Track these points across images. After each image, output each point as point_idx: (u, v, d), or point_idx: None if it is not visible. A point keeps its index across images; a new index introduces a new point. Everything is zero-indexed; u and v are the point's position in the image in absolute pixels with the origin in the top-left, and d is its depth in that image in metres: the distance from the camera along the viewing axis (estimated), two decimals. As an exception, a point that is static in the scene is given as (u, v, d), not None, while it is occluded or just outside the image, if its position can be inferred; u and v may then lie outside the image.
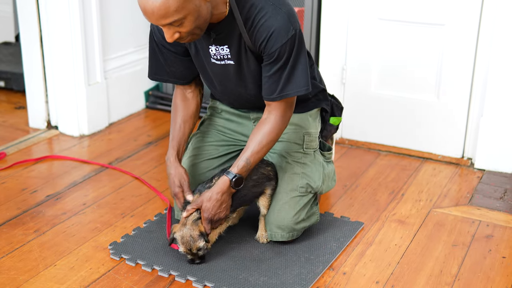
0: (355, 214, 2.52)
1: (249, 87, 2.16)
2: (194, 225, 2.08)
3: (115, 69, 3.41)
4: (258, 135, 2.09)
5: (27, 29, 3.19)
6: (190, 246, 2.08)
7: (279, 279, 2.09)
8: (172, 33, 1.89)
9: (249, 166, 2.10)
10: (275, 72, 2.02)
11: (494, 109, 2.84)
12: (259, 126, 2.11)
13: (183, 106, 2.28)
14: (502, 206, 2.59)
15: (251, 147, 2.09)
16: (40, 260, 2.19)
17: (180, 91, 2.30)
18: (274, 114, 2.09)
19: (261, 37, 1.98)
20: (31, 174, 2.82)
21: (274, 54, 1.99)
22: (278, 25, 1.96)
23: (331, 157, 2.39)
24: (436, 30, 2.89)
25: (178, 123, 2.26)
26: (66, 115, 3.25)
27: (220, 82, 2.20)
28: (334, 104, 2.46)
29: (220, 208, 2.10)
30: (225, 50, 2.06)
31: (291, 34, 1.97)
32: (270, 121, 2.09)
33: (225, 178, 2.10)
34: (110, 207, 2.55)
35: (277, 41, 1.97)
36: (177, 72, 2.23)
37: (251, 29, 1.99)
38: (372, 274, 2.15)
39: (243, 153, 2.11)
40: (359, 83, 3.11)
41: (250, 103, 2.27)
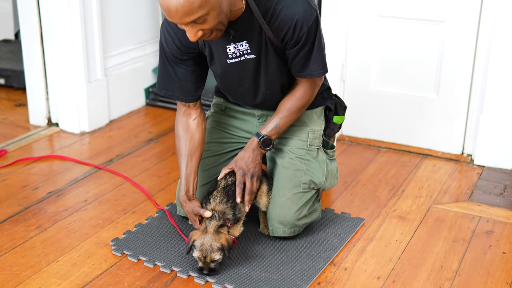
0: (356, 210, 2.53)
1: (265, 80, 2.17)
2: (216, 235, 2.04)
3: (115, 66, 3.41)
4: (288, 100, 2.18)
5: (28, 26, 3.19)
6: (206, 254, 2.04)
7: (280, 274, 2.10)
8: (196, 31, 1.87)
9: (279, 130, 2.18)
10: (304, 54, 2.08)
11: (493, 105, 2.85)
12: (290, 93, 2.18)
13: (187, 138, 2.21)
14: (502, 202, 2.60)
15: (281, 112, 2.17)
16: (43, 256, 2.19)
17: (183, 119, 2.23)
18: (304, 83, 2.17)
19: (285, 27, 2.01)
20: (32, 171, 2.82)
21: (301, 39, 2.03)
22: (301, 12, 1.99)
23: (334, 155, 2.40)
24: (436, 27, 2.90)
25: (185, 159, 2.20)
26: (66, 112, 3.25)
27: (237, 81, 2.19)
28: (338, 103, 2.47)
29: (253, 163, 2.16)
30: (244, 46, 2.07)
31: (314, 16, 2.02)
32: (301, 88, 2.17)
33: (253, 139, 2.17)
34: (111, 204, 2.56)
35: (303, 27, 2.00)
36: (187, 86, 2.18)
37: (272, 20, 2.01)
38: (373, 270, 2.16)
39: (273, 117, 2.18)
40: (359, 80, 3.12)
41: (263, 100, 2.25)
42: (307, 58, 2.09)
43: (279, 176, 2.26)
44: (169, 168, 2.87)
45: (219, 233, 2.05)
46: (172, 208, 2.49)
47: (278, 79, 2.18)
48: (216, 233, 2.05)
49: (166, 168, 2.87)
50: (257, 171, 2.18)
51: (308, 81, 2.17)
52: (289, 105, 2.18)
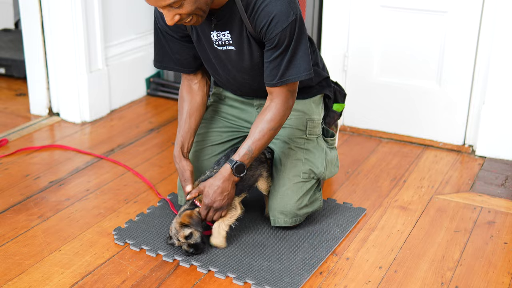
0: (358, 201, 2.54)
1: (251, 74, 2.16)
2: (178, 217, 2.11)
3: (116, 56, 3.41)
4: (260, 122, 2.09)
5: (28, 15, 3.18)
6: (177, 237, 2.09)
7: (282, 264, 2.11)
8: (172, 16, 1.87)
9: (252, 154, 2.10)
10: (276, 58, 2.02)
11: (495, 96, 2.85)
12: (261, 114, 2.10)
13: (189, 99, 2.27)
14: (503, 192, 2.61)
15: (253, 135, 2.09)
16: (45, 246, 2.20)
17: (186, 83, 2.29)
18: (276, 101, 2.08)
19: (262, 23, 1.98)
20: (33, 160, 2.82)
21: (275, 39, 1.99)
22: (278, 10, 1.95)
23: (334, 143, 2.40)
24: (439, 17, 2.89)
25: (184, 118, 2.26)
26: (67, 102, 3.25)
27: (223, 68, 2.20)
28: (337, 91, 2.46)
29: (221, 195, 2.10)
30: (227, 36, 2.06)
31: (291, 19, 1.97)
32: (272, 109, 2.08)
33: (227, 166, 2.11)
34: (113, 193, 2.56)
35: (277, 26, 1.96)
36: (182, 60, 2.22)
37: (252, 14, 1.99)
38: (375, 260, 2.16)
39: (246, 141, 2.10)
40: (361, 70, 3.11)
41: (253, 90, 2.27)
42: (278, 62, 2.01)
43: (279, 165, 2.26)
44: (171, 158, 2.87)
45: (180, 214, 2.11)
46: (174, 197, 2.49)
47: (261, 73, 2.15)
48: (178, 216, 2.11)
49: (168, 158, 2.87)
50: (224, 204, 2.11)
51: (279, 97, 2.06)
52: (261, 127, 2.08)
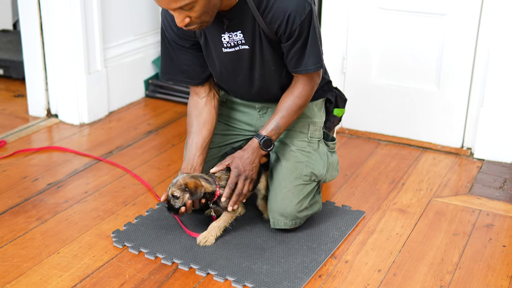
0: (356, 203, 2.54)
1: (260, 72, 2.17)
2: (188, 177, 2.11)
3: (115, 57, 3.40)
4: (288, 98, 2.16)
5: (27, 16, 3.17)
6: (169, 187, 2.11)
7: (282, 267, 2.10)
8: (183, 18, 1.89)
9: (279, 130, 2.16)
10: (298, 49, 2.07)
11: (494, 99, 2.85)
12: (289, 91, 2.17)
13: (195, 116, 2.25)
14: (502, 195, 2.61)
15: (281, 111, 2.15)
16: (43, 248, 2.19)
17: (194, 98, 2.27)
18: (303, 81, 2.15)
19: (278, 20, 2.00)
20: (32, 162, 2.82)
21: (294, 33, 2.02)
22: (294, 5, 1.99)
23: (334, 147, 2.40)
24: (437, 19, 2.90)
25: (191, 136, 2.24)
26: (66, 104, 3.24)
27: (231, 71, 2.19)
28: (338, 96, 2.47)
29: (250, 166, 2.15)
30: (239, 36, 2.07)
31: (307, 10, 2.01)
32: (299, 85, 2.15)
33: (254, 140, 2.16)
34: (111, 195, 2.55)
35: (296, 21, 2.00)
36: (190, 71, 2.22)
37: (266, 12, 2.01)
38: (374, 263, 2.16)
39: (273, 117, 2.16)
40: (359, 73, 3.12)
41: (259, 93, 2.26)
42: (301, 53, 2.08)
43: (280, 168, 2.26)
44: (169, 160, 2.87)
45: (195, 178, 2.10)
46: (173, 200, 2.49)
47: (273, 72, 2.17)
48: (190, 176, 2.10)
49: (166, 160, 2.87)
50: (253, 175, 2.16)
51: (305, 77, 2.15)
52: (288, 103, 2.16)
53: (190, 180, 2.10)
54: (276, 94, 2.25)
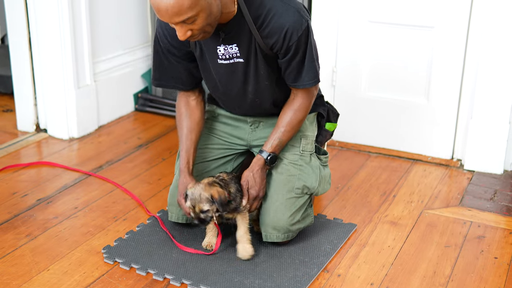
0: (348, 216, 2.53)
1: (254, 86, 2.17)
2: (208, 186, 2.07)
3: (104, 71, 3.39)
4: (288, 113, 2.18)
5: (15, 30, 3.16)
6: (194, 204, 2.07)
7: (274, 281, 2.09)
8: (185, 31, 1.90)
9: (281, 144, 2.19)
10: (296, 64, 2.09)
11: (483, 110, 2.87)
12: (288, 105, 2.19)
13: (188, 114, 2.28)
14: (492, 207, 2.62)
15: (283, 126, 2.18)
16: (33, 265, 2.17)
17: (184, 99, 2.30)
18: (301, 93, 2.17)
19: (275, 36, 2.02)
20: (21, 177, 2.79)
21: (291, 49, 2.04)
22: (291, 22, 2.01)
23: (327, 161, 2.40)
24: (426, 32, 2.91)
25: (185, 133, 2.27)
26: (55, 118, 3.23)
27: (225, 84, 2.20)
28: (330, 110, 2.48)
29: (262, 184, 2.20)
30: (234, 49, 2.08)
31: (304, 26, 2.03)
32: (299, 100, 2.18)
33: (259, 157, 2.19)
34: (102, 211, 2.54)
35: (293, 36, 2.02)
36: (182, 78, 2.24)
37: (262, 27, 2.02)
38: (366, 276, 2.16)
39: (275, 131, 2.19)
40: (349, 85, 3.12)
41: (252, 107, 2.26)
42: (299, 68, 2.10)
43: (273, 181, 2.25)
44: (160, 174, 2.85)
45: (212, 185, 2.07)
46: (164, 215, 2.47)
47: (267, 87, 2.18)
48: (208, 185, 2.07)
49: (157, 174, 2.86)
50: (264, 192, 2.23)
51: (303, 91, 2.17)
52: (289, 117, 2.18)
53: (213, 189, 2.07)
54: (268, 109, 2.25)
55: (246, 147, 2.37)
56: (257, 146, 2.35)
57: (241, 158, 2.41)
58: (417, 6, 2.90)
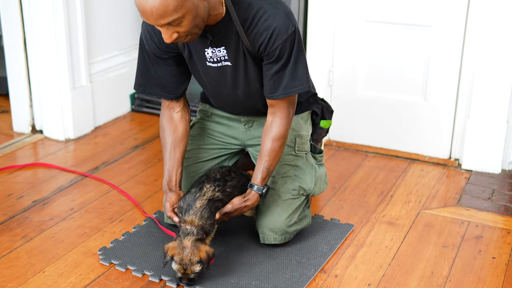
0: (345, 216, 2.52)
1: (245, 90, 2.15)
2: (195, 249, 1.99)
3: (100, 72, 3.38)
4: (269, 142, 2.11)
5: (10, 31, 3.14)
6: (186, 267, 2.00)
7: (271, 282, 2.08)
8: (171, 33, 1.86)
9: (270, 173, 2.15)
10: (278, 70, 2.03)
11: (480, 110, 2.86)
12: (268, 132, 2.11)
13: (172, 130, 2.23)
14: (490, 206, 2.61)
15: (266, 156, 2.11)
16: (29, 267, 2.15)
17: (167, 112, 2.24)
18: (279, 116, 2.10)
19: (261, 37, 1.98)
20: (16, 179, 2.78)
21: (275, 52, 1.99)
22: (278, 23, 1.97)
23: (322, 159, 2.39)
24: (423, 31, 2.91)
25: (168, 150, 2.21)
26: (51, 119, 3.21)
27: (214, 86, 2.18)
28: (325, 107, 2.46)
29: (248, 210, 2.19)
30: (222, 52, 2.05)
31: (291, 31, 1.98)
32: (277, 124, 2.10)
33: (254, 193, 2.13)
34: (98, 212, 2.52)
35: (277, 39, 1.97)
36: (167, 85, 2.18)
37: (250, 29, 1.99)
38: (363, 277, 2.14)
39: (260, 163, 2.12)
40: (346, 85, 3.11)
41: (244, 108, 2.25)
42: (280, 75, 2.03)
43: (268, 183, 2.24)
44: (156, 175, 2.84)
45: (197, 246, 2.00)
46: (160, 216, 2.46)
47: (258, 90, 2.15)
48: (194, 247, 1.99)
49: (153, 175, 2.84)
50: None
51: (281, 110, 2.09)
52: (271, 147, 2.11)
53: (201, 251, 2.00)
54: (262, 110, 2.23)
55: (241, 146, 2.36)
56: (251, 146, 2.33)
57: (236, 157, 2.40)
58: (414, 5, 2.89)
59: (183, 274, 2.02)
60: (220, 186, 2.14)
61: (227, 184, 2.17)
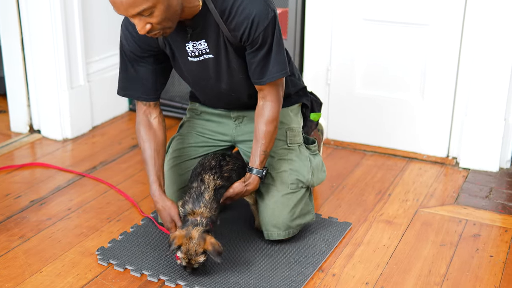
0: (343, 215, 2.52)
1: (228, 82, 2.15)
2: (201, 240, 2.01)
3: (98, 71, 3.37)
4: (263, 126, 2.13)
5: (7, 30, 3.14)
6: (190, 258, 2.02)
7: (269, 281, 2.08)
8: (144, 24, 1.86)
9: (267, 155, 2.17)
10: (263, 56, 2.03)
11: (478, 108, 2.86)
12: (260, 116, 2.13)
13: (152, 136, 2.20)
14: (488, 204, 2.61)
15: (262, 139, 2.13)
16: (26, 267, 2.15)
17: (145, 118, 2.21)
18: (269, 99, 2.12)
19: (242, 26, 1.98)
20: (14, 179, 2.78)
21: (258, 39, 2.00)
22: (258, 10, 1.97)
23: (316, 149, 2.39)
24: (421, 30, 2.90)
25: (151, 156, 2.17)
26: (48, 119, 3.21)
27: (198, 81, 2.18)
28: (314, 100, 2.47)
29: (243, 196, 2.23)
30: (203, 45, 2.05)
31: (271, 15, 1.99)
32: (268, 108, 2.12)
33: (254, 177, 2.16)
34: (95, 212, 2.52)
35: (259, 26, 1.98)
36: (147, 85, 2.15)
37: (229, 19, 1.99)
38: (361, 276, 2.14)
39: (257, 146, 2.14)
40: (344, 84, 3.11)
41: (231, 102, 2.25)
42: (266, 61, 2.05)
43: (266, 180, 2.24)
44: (154, 175, 2.84)
45: (204, 237, 2.02)
46: (157, 215, 2.46)
47: (242, 81, 2.15)
48: (201, 238, 2.02)
49: (151, 175, 2.84)
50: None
51: (271, 90, 2.11)
52: (265, 130, 2.13)
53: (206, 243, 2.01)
54: (246, 103, 2.24)
55: (231, 143, 2.36)
56: (242, 142, 2.33)
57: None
58: (411, 3, 2.89)
59: (187, 263, 2.04)
60: (218, 173, 2.16)
61: (224, 169, 2.19)
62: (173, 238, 2.03)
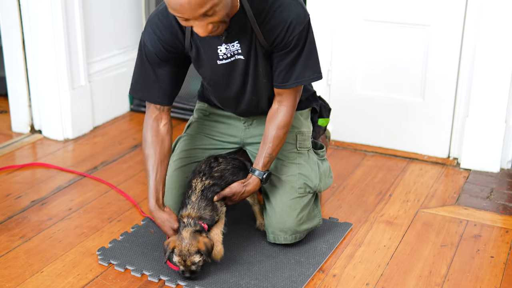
0: (344, 215, 2.52)
1: (252, 84, 2.14)
2: (193, 239, 2.01)
3: (99, 72, 3.38)
4: (274, 129, 2.13)
5: (9, 31, 3.14)
6: (185, 259, 2.02)
7: (270, 282, 2.08)
8: (206, 25, 1.84)
9: (272, 159, 2.17)
10: (292, 60, 2.04)
11: (479, 109, 2.86)
12: (273, 119, 2.14)
13: (158, 143, 2.15)
14: (489, 205, 2.61)
15: (270, 142, 2.14)
16: (27, 267, 2.15)
17: (154, 124, 2.17)
18: (285, 104, 2.12)
19: (278, 29, 1.98)
20: (15, 179, 2.78)
21: (291, 42, 2.00)
22: (296, 14, 1.98)
23: (324, 154, 2.39)
24: (421, 30, 2.90)
25: (154, 165, 2.13)
26: (50, 119, 3.21)
27: (221, 83, 2.15)
28: (322, 106, 2.47)
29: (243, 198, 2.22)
30: (236, 46, 2.04)
31: (306, 20, 2.00)
32: (283, 112, 2.13)
33: (254, 178, 2.16)
34: (96, 212, 2.52)
35: (295, 29, 1.99)
36: (165, 88, 2.13)
37: (265, 21, 1.98)
38: (362, 276, 2.15)
39: (264, 148, 2.14)
40: (344, 84, 3.11)
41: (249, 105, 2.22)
42: (292, 65, 2.05)
43: (273, 183, 2.24)
44: (155, 175, 2.84)
45: (196, 237, 2.02)
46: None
47: (265, 85, 2.15)
48: (192, 237, 2.02)
49: (152, 175, 2.84)
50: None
51: (288, 99, 2.11)
52: (275, 134, 2.13)
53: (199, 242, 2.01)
54: (264, 108, 2.23)
55: (239, 145, 2.36)
56: (251, 144, 2.33)
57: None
58: (412, 4, 2.89)
59: (184, 266, 2.04)
60: (206, 175, 2.15)
61: (214, 170, 2.18)
62: (167, 244, 2.05)
